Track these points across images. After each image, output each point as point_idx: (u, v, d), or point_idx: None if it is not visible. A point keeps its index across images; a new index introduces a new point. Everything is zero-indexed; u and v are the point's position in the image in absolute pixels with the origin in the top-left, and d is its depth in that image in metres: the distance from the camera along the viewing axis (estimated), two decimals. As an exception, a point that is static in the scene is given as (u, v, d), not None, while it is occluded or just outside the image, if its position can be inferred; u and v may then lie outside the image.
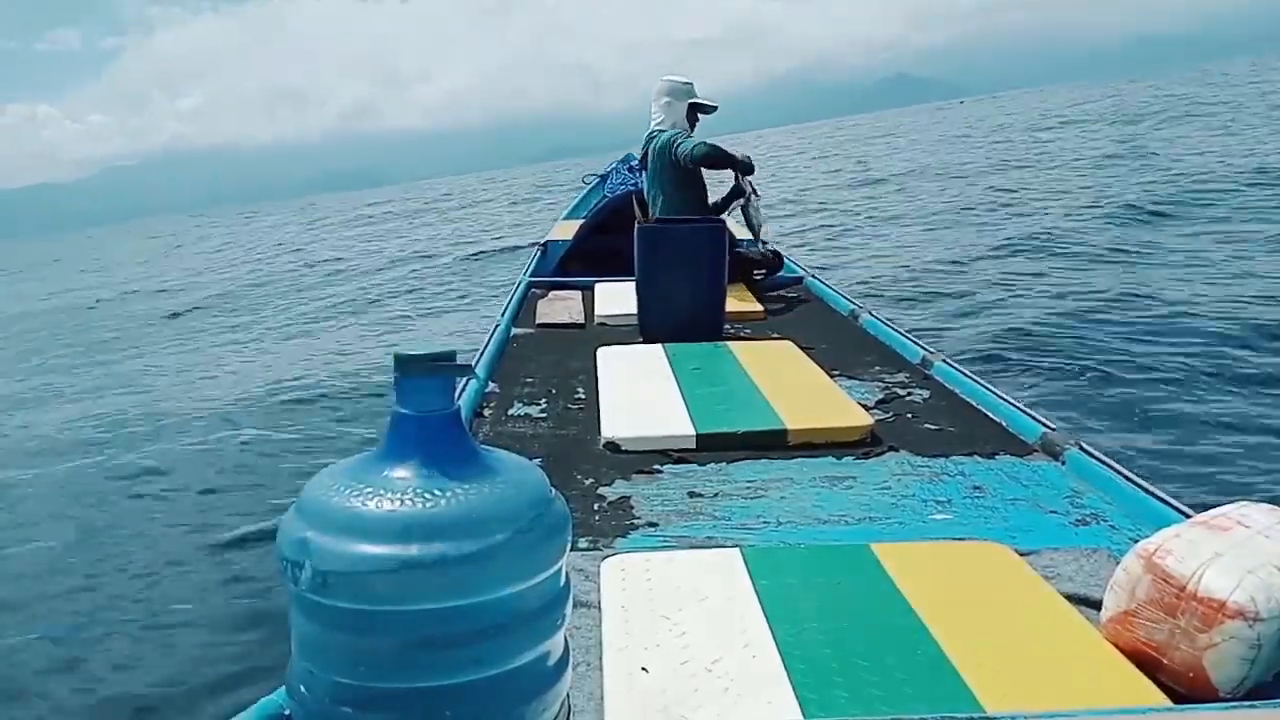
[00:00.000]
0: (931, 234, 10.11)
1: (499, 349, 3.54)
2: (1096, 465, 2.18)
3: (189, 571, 3.19)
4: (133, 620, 2.87)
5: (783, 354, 3.35)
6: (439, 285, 10.83)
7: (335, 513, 0.88)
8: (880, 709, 1.24)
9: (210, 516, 3.66)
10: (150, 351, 8.53)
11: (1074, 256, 8.03)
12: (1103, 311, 6.26)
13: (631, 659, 1.37)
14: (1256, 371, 4.74)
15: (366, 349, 7.05)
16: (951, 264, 8.25)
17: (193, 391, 5.81)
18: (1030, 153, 17.71)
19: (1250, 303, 6.02)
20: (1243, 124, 16.83)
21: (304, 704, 0.93)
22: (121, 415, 5.32)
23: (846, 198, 14.68)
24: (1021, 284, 7.30)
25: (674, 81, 4.62)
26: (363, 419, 5.00)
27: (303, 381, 5.92)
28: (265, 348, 7.71)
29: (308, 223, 29.24)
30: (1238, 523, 1.43)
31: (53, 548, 3.40)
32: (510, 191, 28.11)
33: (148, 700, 2.49)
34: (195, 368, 6.99)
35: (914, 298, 7.18)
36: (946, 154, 19.95)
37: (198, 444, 4.55)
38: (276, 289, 12.68)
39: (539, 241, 5.98)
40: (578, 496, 2.10)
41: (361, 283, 12.00)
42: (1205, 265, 7.28)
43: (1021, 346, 5.55)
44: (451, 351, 0.95)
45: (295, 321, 9.50)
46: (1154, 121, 19.78)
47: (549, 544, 0.95)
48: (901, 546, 1.76)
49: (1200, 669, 1.29)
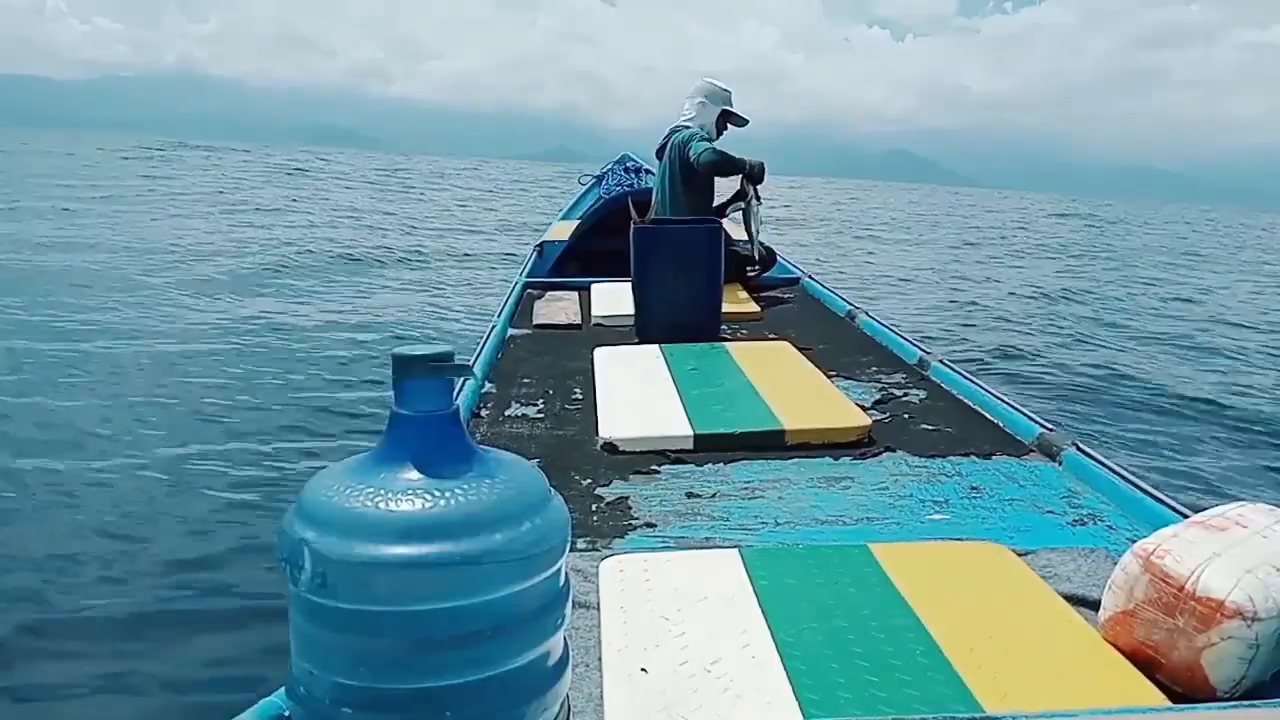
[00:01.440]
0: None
1: (496, 349, 3.54)
2: (1094, 465, 2.18)
3: (187, 571, 3.18)
4: (130, 620, 2.86)
5: (780, 354, 3.36)
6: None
7: (334, 513, 0.88)
8: (880, 709, 1.24)
9: (208, 516, 3.65)
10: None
11: (1073, 256, 8.05)
12: (1102, 312, 6.27)
13: (630, 659, 1.37)
14: (1255, 372, 4.75)
15: (363, 342, 7.04)
16: (952, 268, 8.29)
17: (181, 378, 5.76)
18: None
19: (1249, 303, 6.04)
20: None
21: (304, 705, 0.93)
22: (94, 397, 5.26)
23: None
24: (1021, 285, 7.32)
25: (714, 85, 4.65)
26: (361, 419, 5.00)
27: (298, 378, 5.91)
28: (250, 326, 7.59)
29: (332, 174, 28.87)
30: (1235, 523, 1.43)
31: (46, 545, 3.39)
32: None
33: (147, 700, 2.48)
34: (170, 341, 6.86)
35: (913, 298, 7.20)
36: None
37: (194, 444, 4.54)
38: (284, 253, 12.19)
39: (535, 242, 5.99)
40: (576, 497, 2.10)
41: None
42: (1204, 265, 7.30)
43: (1020, 346, 5.56)
44: (449, 351, 0.95)
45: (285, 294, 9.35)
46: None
47: (548, 544, 0.95)
48: (899, 547, 1.76)
49: (1198, 669, 1.29)
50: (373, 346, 6.66)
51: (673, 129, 4.71)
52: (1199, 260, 16.57)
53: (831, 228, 19.77)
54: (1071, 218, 29.03)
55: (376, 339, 6.92)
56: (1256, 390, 4.51)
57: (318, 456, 4.30)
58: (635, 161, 7.31)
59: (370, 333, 7.19)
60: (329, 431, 4.79)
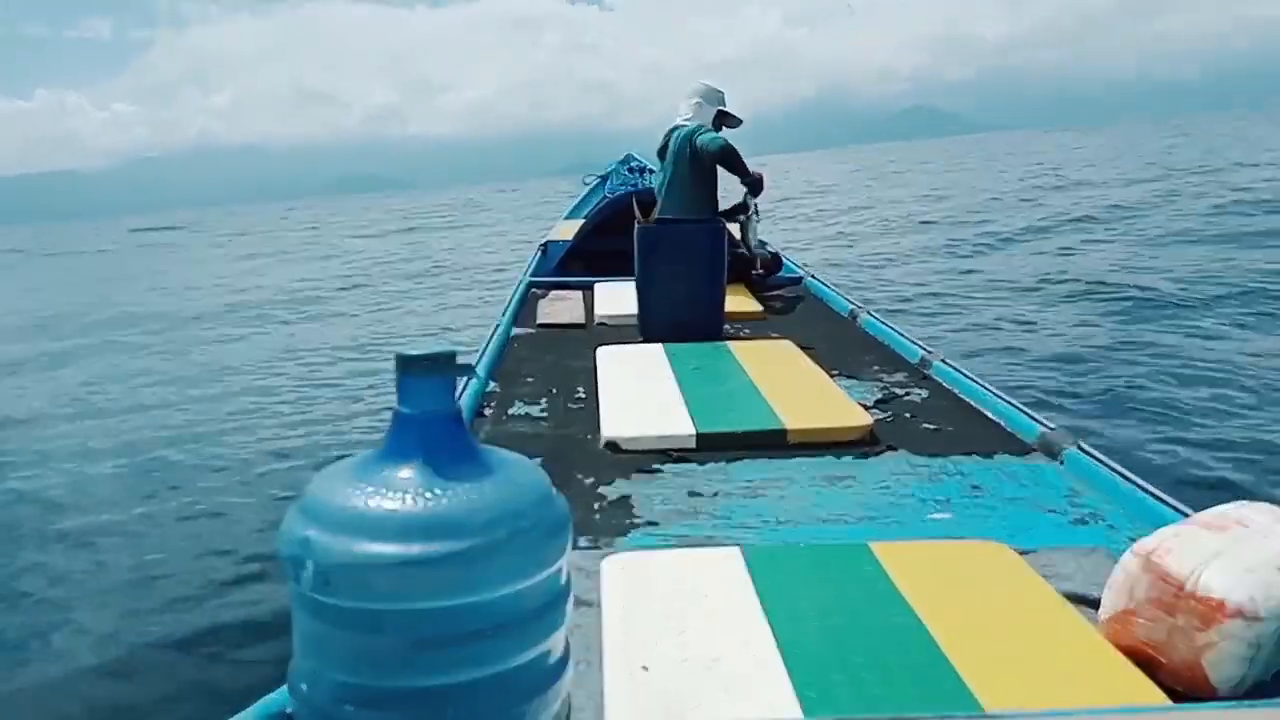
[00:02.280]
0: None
1: (500, 349, 3.54)
2: (1095, 465, 2.18)
3: (190, 570, 3.19)
4: (133, 619, 2.87)
5: (782, 354, 3.36)
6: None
7: (337, 512, 0.89)
8: (880, 708, 1.25)
9: (211, 516, 3.67)
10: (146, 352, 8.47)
11: (1069, 260, 8.05)
12: (1101, 312, 6.27)
13: (632, 657, 1.37)
14: (1255, 372, 4.75)
15: (367, 346, 7.06)
16: (953, 269, 8.28)
17: (185, 390, 5.80)
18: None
19: (1248, 303, 6.03)
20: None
21: (306, 703, 0.94)
22: (111, 412, 5.31)
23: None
24: (1020, 286, 7.32)
25: (709, 86, 4.73)
26: (364, 418, 5.01)
27: (304, 380, 5.93)
28: (264, 349, 7.70)
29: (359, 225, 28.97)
30: (1236, 522, 1.43)
31: (47, 547, 3.40)
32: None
33: (146, 701, 2.49)
34: (197, 366, 6.98)
35: (916, 298, 7.20)
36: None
37: (196, 444, 4.56)
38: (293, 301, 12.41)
39: (540, 242, 5.99)
40: (578, 496, 2.11)
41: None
42: (1203, 267, 7.29)
43: (1019, 347, 5.55)
44: (452, 351, 0.95)
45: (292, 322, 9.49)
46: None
47: (550, 543, 0.95)
48: (901, 545, 1.76)
49: (1199, 668, 1.30)
50: (378, 347, 6.68)
51: (672, 129, 4.72)
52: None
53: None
54: (1092, 157, 27.24)
55: (381, 339, 6.94)
56: (1257, 390, 4.51)
57: (320, 455, 4.31)
58: (639, 161, 7.32)
59: (376, 332, 7.21)
60: (331, 430, 4.80)
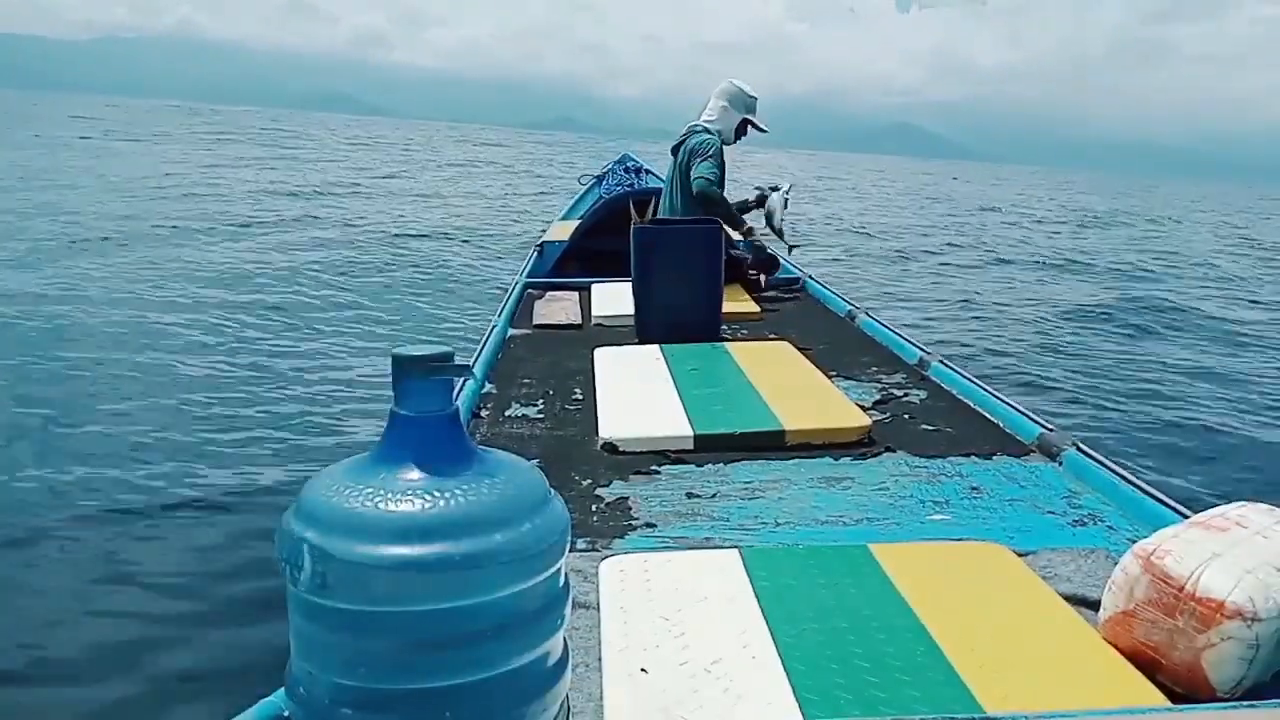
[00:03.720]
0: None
1: (496, 350, 3.54)
2: (1094, 466, 2.18)
3: (186, 572, 3.18)
4: (129, 620, 2.86)
5: (780, 354, 3.36)
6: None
7: (334, 513, 0.88)
8: (880, 709, 1.24)
9: (207, 518, 3.65)
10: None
11: (1070, 256, 8.06)
12: (1101, 312, 6.27)
13: (630, 660, 1.37)
14: (1254, 372, 4.75)
15: (362, 343, 7.02)
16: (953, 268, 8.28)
17: (177, 380, 5.75)
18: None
19: (1248, 304, 6.04)
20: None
21: (303, 705, 0.93)
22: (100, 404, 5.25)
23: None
24: (1020, 286, 7.33)
25: (741, 90, 4.61)
26: (360, 419, 4.99)
27: (299, 377, 5.91)
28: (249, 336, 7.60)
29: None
30: (1236, 523, 1.43)
31: (43, 546, 3.39)
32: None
33: (146, 701, 2.48)
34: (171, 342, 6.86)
35: (913, 299, 7.20)
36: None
37: (193, 442, 4.54)
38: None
39: (536, 242, 5.99)
40: (576, 497, 2.10)
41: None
42: (1203, 267, 7.30)
43: (1019, 347, 5.56)
44: (449, 352, 0.95)
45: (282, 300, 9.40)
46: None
47: (547, 545, 0.94)
48: (900, 547, 1.76)
49: (1198, 669, 1.29)
50: (374, 345, 6.66)
51: (690, 128, 4.67)
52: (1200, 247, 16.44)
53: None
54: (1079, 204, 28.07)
55: (378, 336, 6.92)
56: (1258, 390, 4.51)
57: (317, 456, 4.30)
58: (635, 162, 7.33)
59: (371, 328, 7.19)
60: (328, 431, 4.78)
